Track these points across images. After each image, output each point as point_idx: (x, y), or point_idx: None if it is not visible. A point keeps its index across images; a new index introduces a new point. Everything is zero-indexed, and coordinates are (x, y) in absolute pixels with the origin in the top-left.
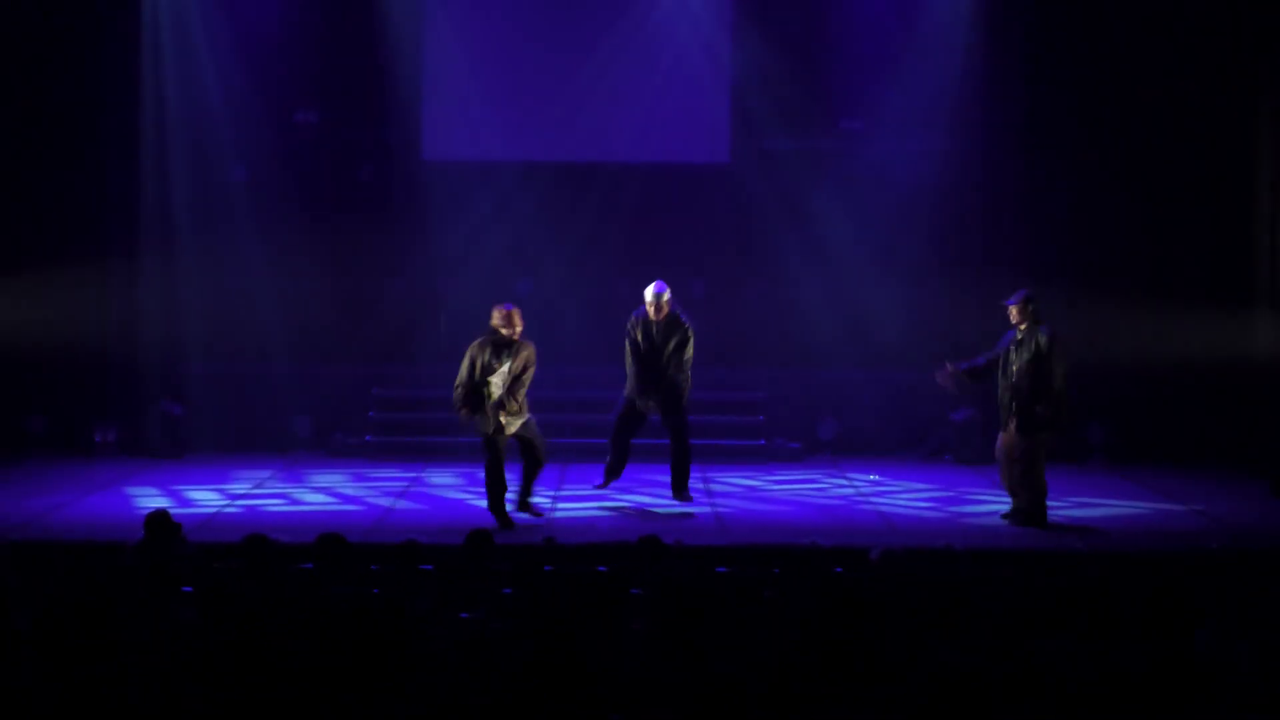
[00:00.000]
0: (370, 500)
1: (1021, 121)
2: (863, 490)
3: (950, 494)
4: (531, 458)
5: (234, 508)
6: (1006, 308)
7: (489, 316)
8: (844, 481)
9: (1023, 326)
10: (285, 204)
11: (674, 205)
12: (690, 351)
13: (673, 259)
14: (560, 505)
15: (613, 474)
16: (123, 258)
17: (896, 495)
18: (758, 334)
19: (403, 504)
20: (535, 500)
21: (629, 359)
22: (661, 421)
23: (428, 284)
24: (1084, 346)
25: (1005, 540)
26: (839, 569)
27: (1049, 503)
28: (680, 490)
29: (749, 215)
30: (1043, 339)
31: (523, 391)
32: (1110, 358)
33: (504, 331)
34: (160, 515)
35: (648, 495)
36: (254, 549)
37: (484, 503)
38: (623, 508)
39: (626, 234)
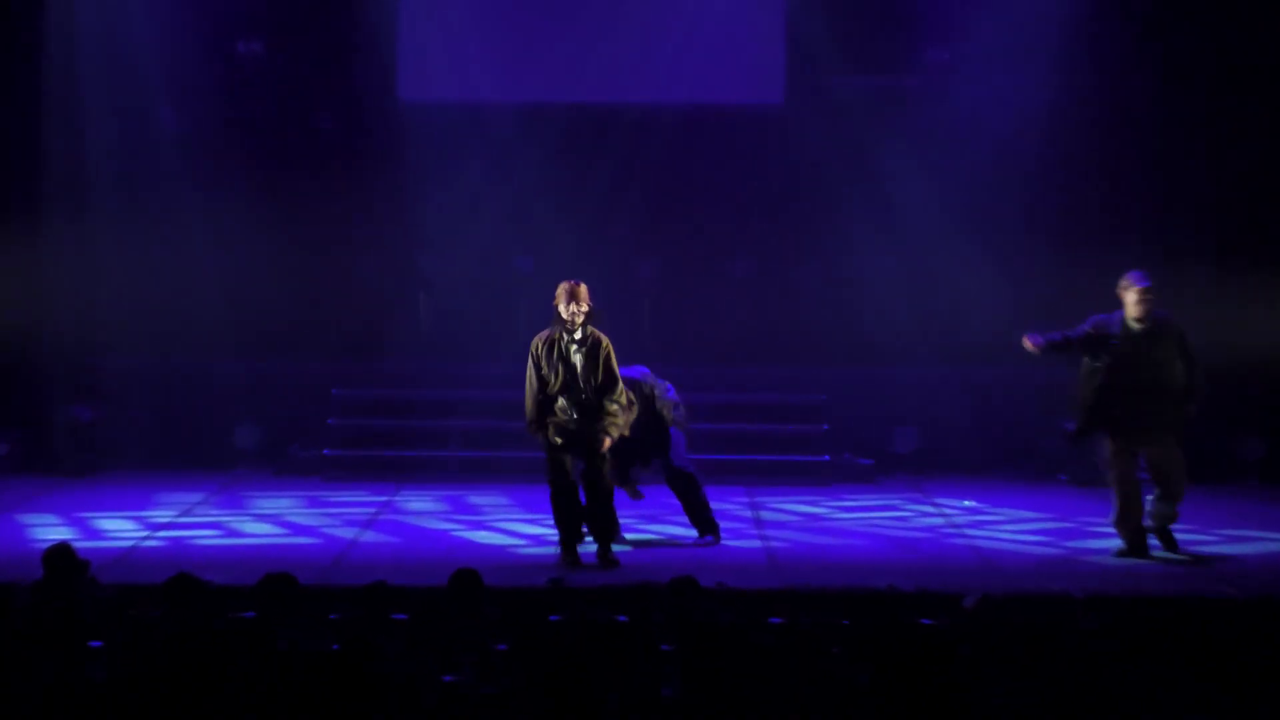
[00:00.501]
0: (329, 531)
1: (1153, 53)
2: (954, 519)
3: (1066, 525)
4: (595, 480)
5: (156, 540)
6: (1140, 292)
7: (482, 299)
8: (929, 508)
9: (1141, 318)
10: (226, 157)
11: (713, 158)
12: (663, 405)
13: (710, 227)
14: None
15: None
16: (21, 225)
17: (997, 526)
18: (817, 322)
19: (370, 535)
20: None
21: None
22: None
23: (404, 259)
24: (1234, 344)
25: (1139, 583)
26: (925, 619)
27: (1193, 535)
28: (703, 528)
29: (806, 171)
30: (1176, 327)
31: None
32: (1269, 358)
33: (562, 313)
34: (62, 549)
35: (681, 526)
36: (181, 593)
37: (474, 534)
38: (650, 541)
39: (653, 195)
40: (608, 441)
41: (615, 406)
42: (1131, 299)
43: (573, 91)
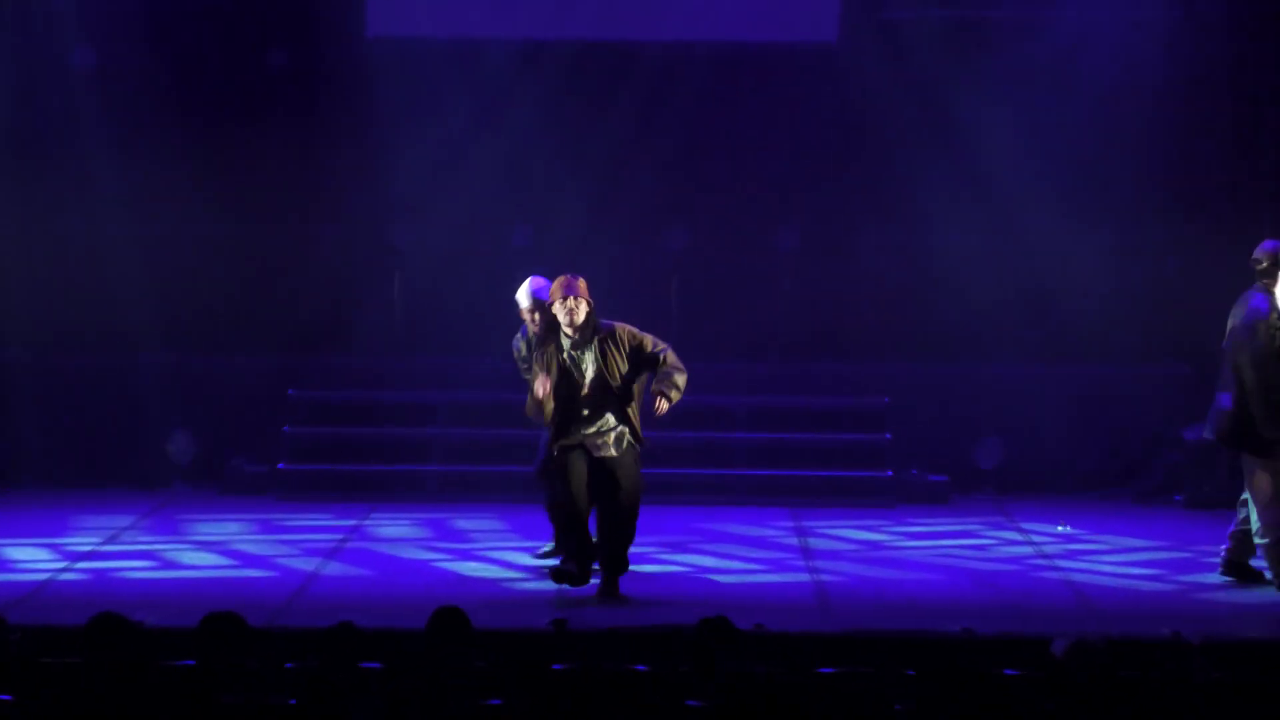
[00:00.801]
0: (284, 561)
1: None
2: (1044, 549)
3: (1181, 555)
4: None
5: (75, 572)
6: None
7: (469, 278)
8: (1015, 535)
9: None
10: (156, 106)
11: (752, 108)
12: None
13: (750, 191)
14: None
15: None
16: None
17: (1096, 556)
18: (879, 307)
19: (334, 567)
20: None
21: None
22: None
23: (373, 231)
24: None
25: (1269, 626)
26: (1008, 669)
27: None
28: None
29: (867, 123)
30: None
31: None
32: None
33: (559, 314)
34: None
35: (712, 556)
36: (106, 636)
37: (460, 565)
38: (674, 572)
39: (680, 152)
40: (665, 405)
41: (668, 364)
42: None
43: (582, 27)
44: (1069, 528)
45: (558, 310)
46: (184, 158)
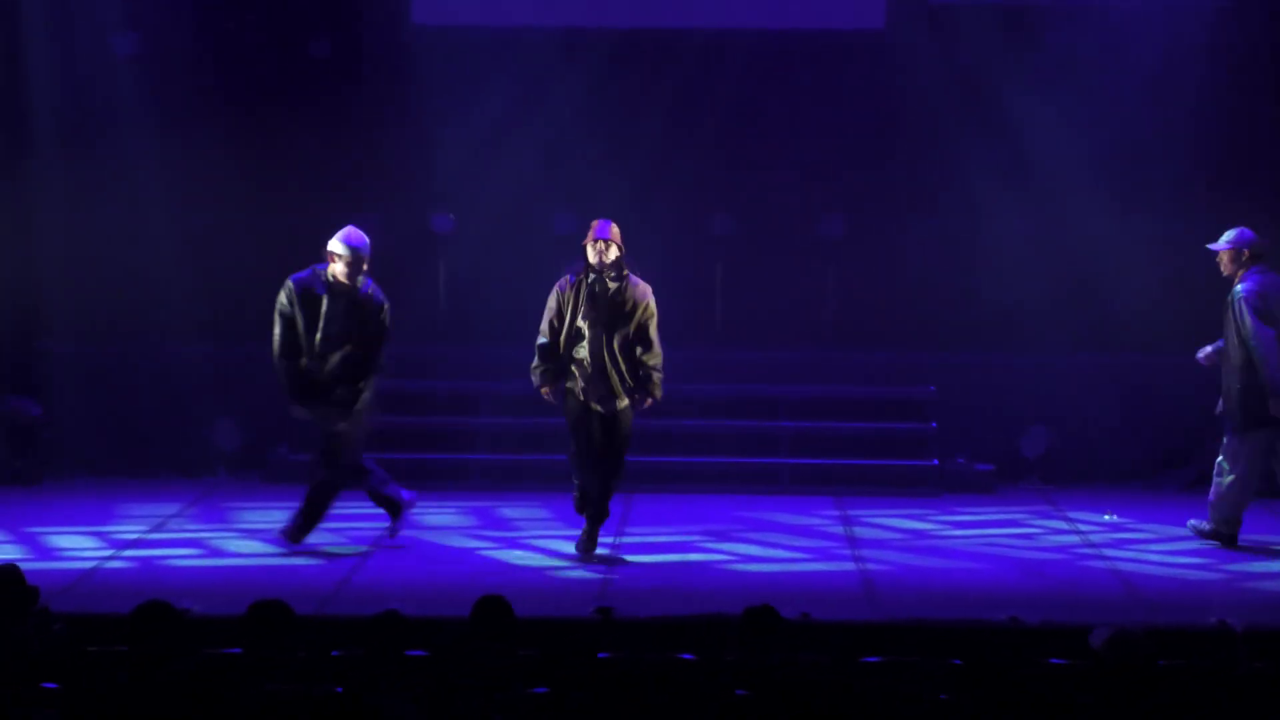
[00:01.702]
0: (330, 550)
1: None
2: (1091, 537)
3: None
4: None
5: (121, 560)
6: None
7: (514, 266)
8: (1061, 524)
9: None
10: (198, 93)
11: (797, 95)
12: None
13: (794, 179)
14: (624, 556)
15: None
16: None
17: (1143, 545)
18: (926, 297)
19: (379, 555)
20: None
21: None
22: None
23: (416, 219)
24: None
25: None
26: (1054, 659)
27: None
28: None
29: (913, 110)
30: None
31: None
32: None
33: (591, 259)
34: (9, 572)
35: (757, 545)
36: (152, 624)
37: (505, 553)
38: (719, 561)
39: (724, 140)
40: (650, 401)
41: (651, 362)
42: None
43: (624, 14)
44: (1116, 517)
45: (589, 251)
46: (226, 146)
